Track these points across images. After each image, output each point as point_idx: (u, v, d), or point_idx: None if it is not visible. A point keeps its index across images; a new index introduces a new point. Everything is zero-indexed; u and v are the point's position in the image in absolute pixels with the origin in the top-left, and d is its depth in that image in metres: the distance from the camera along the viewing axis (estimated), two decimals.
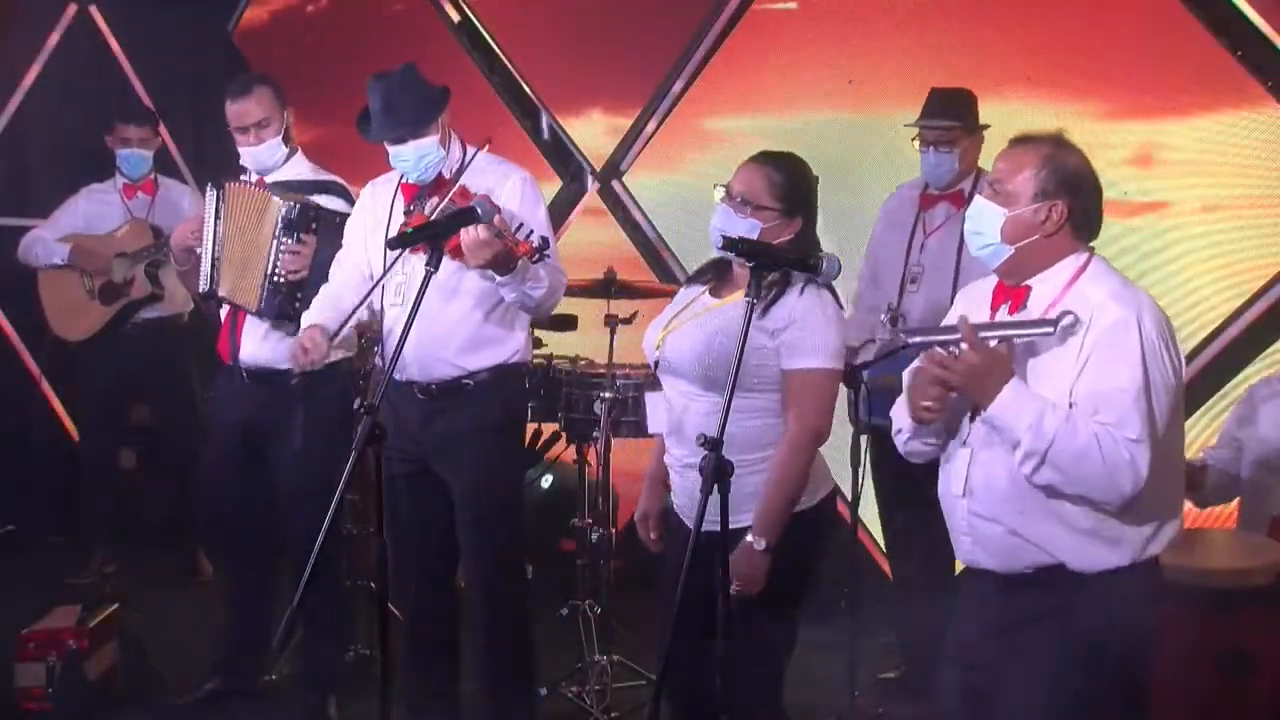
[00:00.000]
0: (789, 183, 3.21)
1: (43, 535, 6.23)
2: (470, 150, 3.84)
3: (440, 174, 3.75)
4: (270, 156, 4.19)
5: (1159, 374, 2.55)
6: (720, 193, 3.24)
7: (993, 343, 2.60)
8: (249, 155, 4.20)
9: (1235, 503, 4.22)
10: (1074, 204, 2.67)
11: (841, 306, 3.25)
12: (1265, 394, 4.15)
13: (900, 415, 2.84)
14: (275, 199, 4.04)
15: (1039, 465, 2.54)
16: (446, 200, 3.68)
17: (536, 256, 3.43)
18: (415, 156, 3.71)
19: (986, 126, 4.47)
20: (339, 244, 4.01)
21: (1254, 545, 3.81)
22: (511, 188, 3.73)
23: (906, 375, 2.81)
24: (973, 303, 2.81)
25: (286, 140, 4.23)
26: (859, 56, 5.42)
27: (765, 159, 3.24)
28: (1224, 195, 4.62)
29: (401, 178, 3.82)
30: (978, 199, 2.77)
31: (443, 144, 3.74)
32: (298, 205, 4.03)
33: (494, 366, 3.78)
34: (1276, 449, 4.03)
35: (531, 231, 3.46)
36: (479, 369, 3.77)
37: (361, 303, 3.69)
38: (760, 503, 3.11)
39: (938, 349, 2.63)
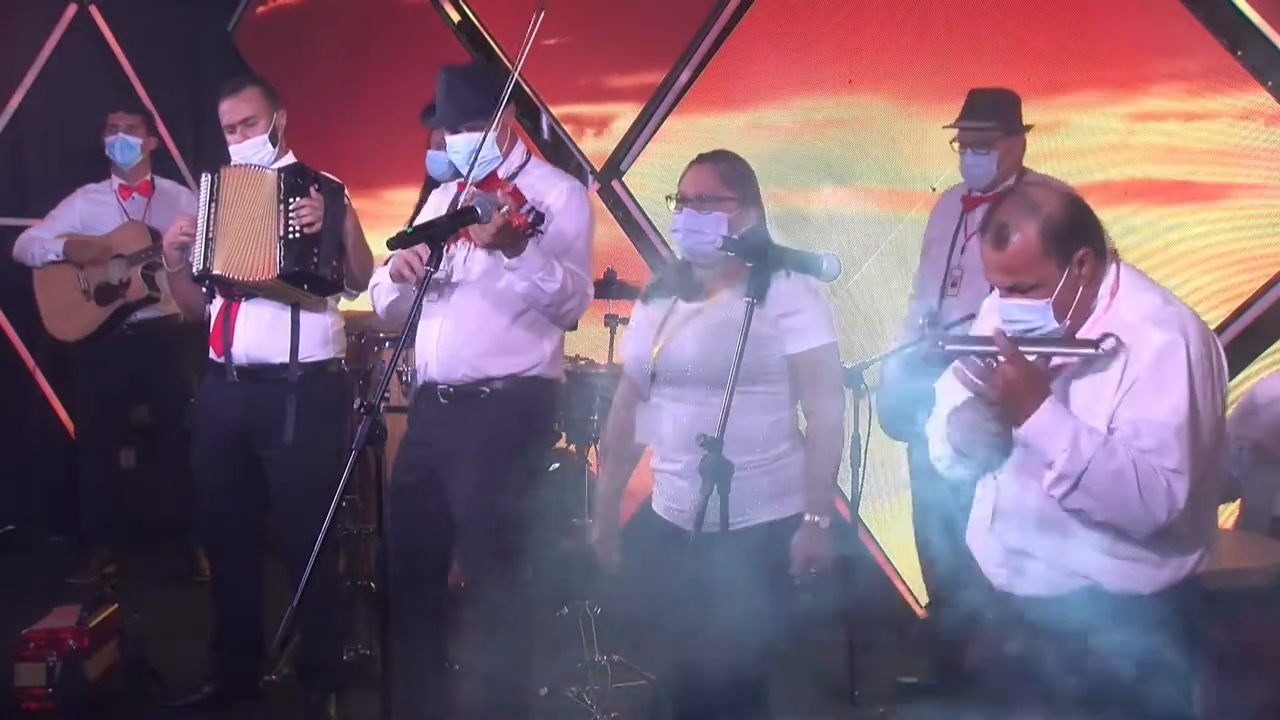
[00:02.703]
0: (737, 173, 3.27)
1: (43, 535, 6.24)
2: (531, 157, 3.86)
3: (494, 173, 3.76)
4: (255, 154, 4.19)
5: (1205, 403, 2.47)
6: (672, 203, 3.26)
7: (1031, 359, 2.51)
8: (236, 152, 4.21)
9: (1235, 503, 4.22)
10: (1088, 241, 2.56)
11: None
12: (1266, 394, 4.15)
13: (938, 442, 2.74)
14: (270, 172, 4.08)
15: (1071, 488, 2.46)
16: (465, 195, 3.66)
17: (531, 230, 3.44)
18: (466, 149, 3.70)
19: (1029, 127, 4.44)
20: (344, 209, 4.05)
21: (1254, 545, 3.81)
22: (558, 195, 3.75)
23: (940, 390, 2.76)
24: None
25: (274, 141, 4.23)
26: (858, 56, 5.42)
27: (705, 159, 3.30)
28: (1224, 196, 4.61)
29: (461, 178, 3.83)
30: (1015, 304, 2.55)
31: (500, 144, 3.74)
32: (295, 168, 4.08)
33: (512, 375, 3.75)
34: (1277, 449, 4.03)
35: (532, 209, 3.46)
36: (497, 375, 3.73)
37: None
38: (810, 484, 3.16)
39: (974, 359, 2.53)
